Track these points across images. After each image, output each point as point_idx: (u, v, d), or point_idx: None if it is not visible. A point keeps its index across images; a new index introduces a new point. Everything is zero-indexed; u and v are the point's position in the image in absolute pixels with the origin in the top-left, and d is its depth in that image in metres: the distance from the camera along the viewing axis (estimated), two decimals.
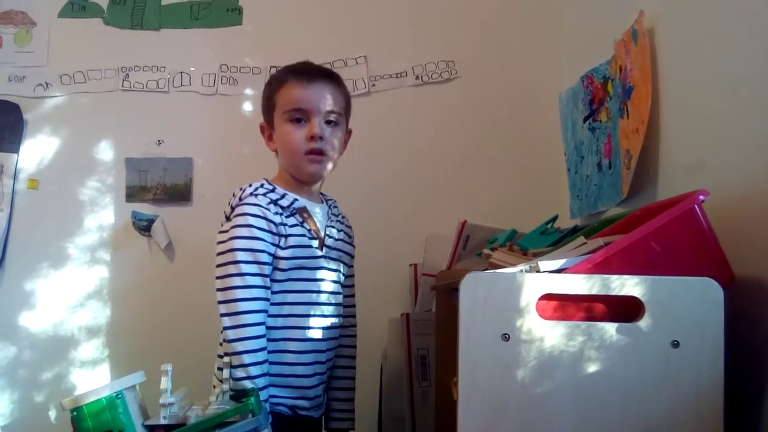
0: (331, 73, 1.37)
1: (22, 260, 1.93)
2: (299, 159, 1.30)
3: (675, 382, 0.77)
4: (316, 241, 1.29)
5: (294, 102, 1.29)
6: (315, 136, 1.28)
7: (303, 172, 1.31)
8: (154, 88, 1.97)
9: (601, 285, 0.79)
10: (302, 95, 1.29)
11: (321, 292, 1.30)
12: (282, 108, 1.30)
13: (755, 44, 0.91)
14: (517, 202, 1.85)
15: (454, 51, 1.96)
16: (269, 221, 1.23)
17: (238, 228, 1.22)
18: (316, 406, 1.32)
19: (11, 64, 1.98)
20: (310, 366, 1.27)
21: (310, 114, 1.29)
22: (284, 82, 1.32)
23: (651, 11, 1.23)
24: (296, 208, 1.29)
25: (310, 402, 1.28)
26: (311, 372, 1.27)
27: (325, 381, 1.34)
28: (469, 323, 0.80)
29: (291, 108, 1.29)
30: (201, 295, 1.88)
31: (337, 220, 1.39)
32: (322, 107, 1.29)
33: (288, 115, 1.29)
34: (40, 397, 1.89)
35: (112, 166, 1.96)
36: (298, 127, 1.29)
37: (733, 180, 0.96)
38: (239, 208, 1.24)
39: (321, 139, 1.28)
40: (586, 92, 1.56)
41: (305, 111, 1.29)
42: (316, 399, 1.31)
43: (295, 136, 1.28)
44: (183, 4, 1.99)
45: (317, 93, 1.29)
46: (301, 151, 1.29)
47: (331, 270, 1.32)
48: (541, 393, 0.79)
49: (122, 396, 0.97)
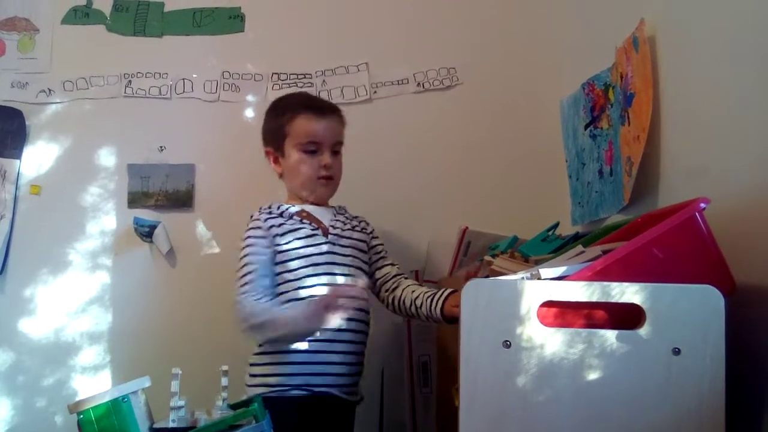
0: (337, 108, 1.56)
1: (24, 266, 1.93)
2: (312, 183, 1.49)
3: (676, 390, 0.77)
4: (319, 230, 1.47)
5: (309, 135, 1.48)
6: (327, 165, 1.48)
7: (315, 194, 1.51)
8: (156, 94, 1.98)
9: (602, 292, 0.80)
10: (316, 129, 1.48)
11: (335, 275, 1.42)
12: (296, 139, 1.49)
13: (755, 52, 0.92)
14: (518, 209, 1.85)
15: (455, 58, 1.96)
16: (261, 229, 1.46)
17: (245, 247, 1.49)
18: (342, 385, 1.39)
19: (14, 70, 1.99)
20: (327, 342, 1.38)
21: (322, 146, 1.48)
22: (297, 114, 1.49)
23: (651, 19, 1.24)
24: (292, 212, 1.48)
25: (333, 378, 1.38)
26: (329, 349, 1.38)
27: (352, 362, 1.42)
28: (470, 330, 0.80)
29: (306, 140, 1.48)
30: (202, 301, 1.90)
31: (344, 218, 1.53)
32: (332, 139, 1.49)
33: (302, 146, 1.48)
34: (41, 402, 1.89)
35: (114, 172, 1.96)
36: (311, 157, 1.48)
37: (734, 187, 0.96)
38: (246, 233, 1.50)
39: (331, 167, 1.49)
40: (587, 99, 1.56)
41: (318, 143, 1.48)
42: (340, 378, 1.39)
43: (309, 165, 1.48)
44: (186, 11, 2.00)
45: (328, 127, 1.49)
46: (314, 177, 1.49)
47: (342, 254, 1.46)
48: (542, 400, 0.79)
49: (128, 400, 0.98)
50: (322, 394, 1.36)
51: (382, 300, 1.53)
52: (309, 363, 1.37)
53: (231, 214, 1.85)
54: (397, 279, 1.52)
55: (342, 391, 1.38)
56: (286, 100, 1.58)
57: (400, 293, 1.48)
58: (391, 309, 1.51)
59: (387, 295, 1.51)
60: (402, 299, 1.47)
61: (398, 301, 1.47)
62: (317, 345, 1.37)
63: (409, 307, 1.44)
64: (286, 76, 1.97)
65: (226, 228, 1.91)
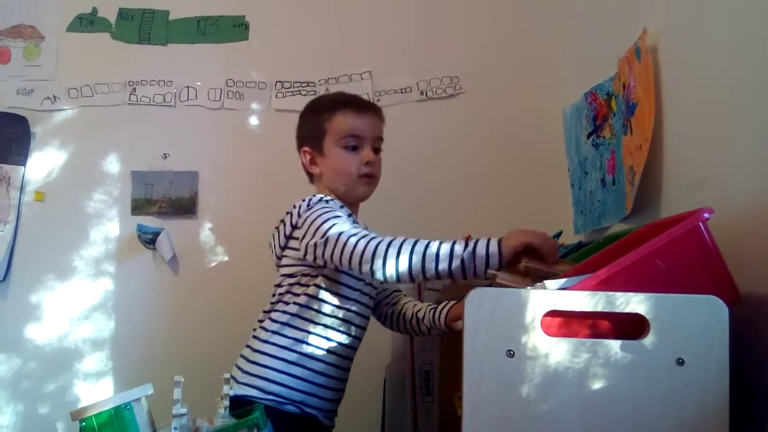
0: (376, 105, 1.50)
1: (28, 272, 1.93)
2: (353, 181, 1.40)
3: (680, 400, 0.77)
4: None
5: (350, 130, 1.40)
6: (370, 161, 1.39)
7: (356, 193, 1.41)
8: (160, 102, 1.99)
9: (606, 302, 0.80)
10: (357, 124, 1.40)
11: (358, 302, 1.37)
12: (336, 135, 1.40)
13: (757, 61, 0.92)
14: (521, 218, 1.84)
15: (458, 67, 1.97)
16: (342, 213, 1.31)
17: (319, 209, 1.29)
18: (326, 410, 1.35)
19: (20, 77, 2.00)
20: (330, 366, 1.33)
21: (363, 141, 1.40)
22: (337, 110, 1.42)
23: (654, 29, 1.24)
24: (353, 217, 1.38)
25: (321, 402, 1.33)
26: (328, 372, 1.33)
27: (342, 389, 1.38)
28: (474, 339, 0.80)
29: (347, 135, 1.40)
30: (205, 308, 1.90)
31: None
32: (372, 135, 1.42)
33: (343, 142, 1.40)
34: (44, 409, 1.89)
35: (118, 179, 1.97)
36: (353, 153, 1.40)
37: (737, 197, 0.96)
38: (314, 206, 1.31)
39: (373, 164, 1.40)
40: (589, 108, 1.57)
41: (360, 138, 1.40)
42: (327, 402, 1.34)
43: (350, 161, 1.39)
44: (190, 20, 2.02)
45: (369, 122, 1.42)
46: (355, 174, 1.39)
47: (366, 283, 1.39)
48: (546, 410, 0.78)
49: (131, 407, 0.98)
50: (309, 415, 1.32)
51: (379, 315, 1.51)
52: (309, 382, 1.32)
53: (234, 222, 1.86)
54: (396, 295, 1.51)
55: (324, 415, 1.35)
56: (324, 99, 1.53)
57: (401, 307, 1.47)
58: (389, 324, 1.50)
59: (386, 309, 1.49)
60: (402, 313, 1.46)
61: (398, 314, 1.47)
62: (320, 366, 1.33)
63: (410, 319, 1.43)
64: (289, 84, 1.98)
65: (229, 235, 1.92)
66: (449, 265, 1.12)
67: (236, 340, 1.43)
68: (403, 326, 1.47)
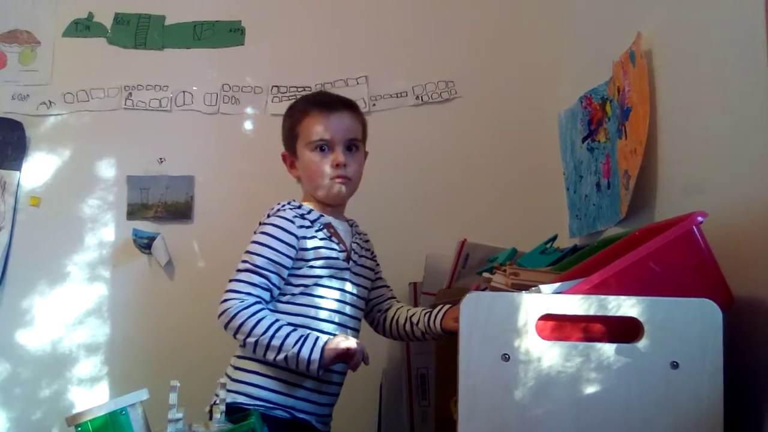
0: (349, 102, 1.46)
1: (23, 277, 1.93)
2: (328, 184, 1.39)
3: (674, 404, 0.77)
4: (344, 254, 1.39)
5: (317, 133, 1.38)
6: (339, 164, 1.37)
7: (330, 194, 1.40)
8: (156, 106, 1.99)
9: (599, 305, 0.80)
10: (325, 126, 1.38)
11: (345, 303, 1.38)
12: (305, 139, 1.39)
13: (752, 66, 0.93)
14: (516, 222, 1.86)
15: (453, 71, 1.97)
16: (291, 234, 1.33)
17: (260, 235, 1.34)
18: (319, 415, 1.34)
19: (15, 82, 2.00)
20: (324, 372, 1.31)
21: (333, 143, 1.38)
22: (306, 113, 1.41)
23: (648, 33, 1.25)
24: (323, 223, 1.38)
25: (313, 406, 1.33)
26: (322, 378, 1.31)
27: (335, 393, 1.38)
28: (469, 343, 0.80)
29: (315, 139, 1.38)
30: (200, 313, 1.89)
31: (360, 240, 1.47)
32: (343, 136, 1.39)
33: (312, 145, 1.38)
34: (37, 415, 1.88)
35: (114, 183, 1.97)
36: (323, 156, 1.38)
37: (731, 201, 0.97)
38: (267, 220, 1.36)
39: (345, 166, 1.38)
40: (584, 113, 1.57)
41: (328, 141, 1.38)
42: (320, 407, 1.34)
43: (321, 165, 1.38)
44: (186, 24, 2.02)
45: (338, 123, 1.39)
46: (327, 177, 1.38)
47: (354, 284, 1.40)
48: (541, 413, 0.79)
49: (126, 412, 0.98)
50: (302, 420, 1.32)
51: (371, 321, 1.51)
52: (299, 387, 1.31)
53: (230, 226, 1.85)
54: (390, 301, 1.51)
55: (318, 420, 1.35)
56: (298, 101, 1.50)
57: (394, 312, 1.47)
58: (381, 330, 1.49)
59: (379, 316, 1.49)
60: (395, 318, 1.46)
61: (391, 320, 1.46)
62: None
63: (404, 324, 1.43)
64: (285, 89, 1.98)
65: (224, 240, 1.91)
66: (275, 357, 1.25)
67: (232, 346, 1.42)
68: (396, 332, 1.46)
